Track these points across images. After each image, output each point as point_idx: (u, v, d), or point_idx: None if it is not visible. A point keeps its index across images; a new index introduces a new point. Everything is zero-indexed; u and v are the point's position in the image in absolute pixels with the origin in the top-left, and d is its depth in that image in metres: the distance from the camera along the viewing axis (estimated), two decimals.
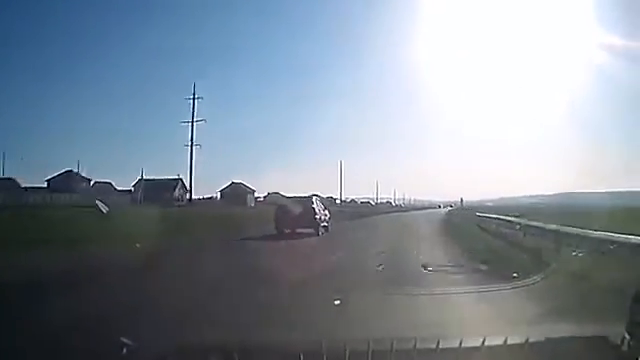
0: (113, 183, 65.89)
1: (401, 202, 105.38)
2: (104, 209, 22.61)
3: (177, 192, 62.63)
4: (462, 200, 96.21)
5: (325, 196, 58.12)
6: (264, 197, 74.73)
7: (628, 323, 2.88)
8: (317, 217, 22.46)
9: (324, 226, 23.57)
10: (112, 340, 3.11)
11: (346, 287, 7.39)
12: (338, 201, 64.13)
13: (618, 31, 29.74)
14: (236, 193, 69.49)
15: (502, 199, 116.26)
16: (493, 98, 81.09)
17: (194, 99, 48.39)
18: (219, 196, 71.76)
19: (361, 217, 41.95)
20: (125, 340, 3.04)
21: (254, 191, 74.36)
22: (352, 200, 69.14)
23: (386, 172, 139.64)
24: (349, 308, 6.03)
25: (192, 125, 47.57)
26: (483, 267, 9.80)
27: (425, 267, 9.92)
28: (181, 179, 60.68)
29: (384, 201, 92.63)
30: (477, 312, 6.26)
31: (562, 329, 3.89)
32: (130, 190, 62.62)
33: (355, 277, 9.12)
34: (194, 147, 47.64)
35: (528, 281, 7.82)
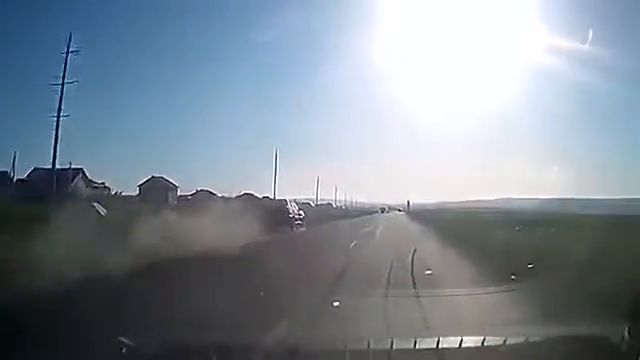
0: (9, 172, 50.06)
1: (343, 204, 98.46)
2: (102, 211, 22.26)
3: (75, 185, 49.24)
4: (409, 203, 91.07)
5: (261, 196, 52.64)
6: (192, 194, 64.37)
7: (630, 323, 2.89)
8: (291, 216, 25.46)
9: (298, 224, 26.39)
10: (111, 340, 3.09)
11: None
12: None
13: (564, 34, 29.86)
14: (156, 189, 59.42)
15: (442, 203, 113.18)
16: (436, 102, 79.35)
17: (67, 53, 32.77)
18: (137, 192, 61.10)
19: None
20: (124, 340, 3.02)
21: (177, 187, 63.99)
22: (292, 200, 64.29)
23: (326, 172, 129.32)
24: None
25: (62, 88, 32.42)
26: None
27: None
28: (82, 169, 48.63)
29: (325, 203, 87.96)
30: None
31: (562, 328, 3.89)
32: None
33: None
34: (64, 118, 32.26)
35: None
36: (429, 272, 8.92)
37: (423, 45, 48.55)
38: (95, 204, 23.03)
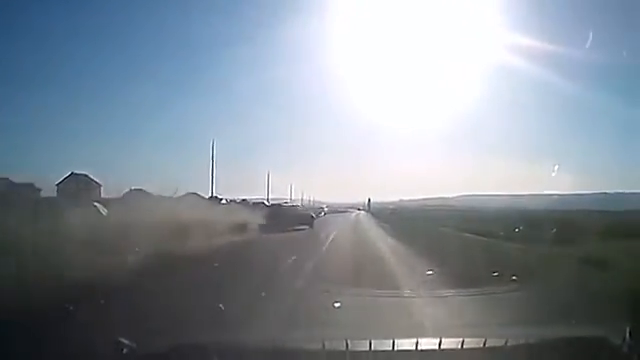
0: None
1: (300, 204, 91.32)
2: (103, 211, 21.92)
3: None
4: (370, 202, 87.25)
5: (207, 196, 49.81)
6: (124, 194, 57.06)
7: (632, 324, 2.90)
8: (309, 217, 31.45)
9: (308, 222, 30.89)
10: (111, 340, 3.08)
11: None
12: (224, 201, 49.69)
13: (526, 32, 30.05)
14: (77, 188, 50.96)
15: (402, 201, 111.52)
16: (395, 101, 78.68)
17: None
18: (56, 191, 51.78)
19: None
20: (124, 340, 3.01)
21: (100, 186, 54.90)
22: (243, 200, 58.64)
23: (281, 171, 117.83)
24: None
25: None
26: None
27: None
28: None
29: (282, 202, 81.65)
30: None
31: (563, 330, 3.92)
32: None
33: None
34: None
35: None
36: None
37: (382, 42, 48.80)
38: (96, 204, 22.62)
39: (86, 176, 54.37)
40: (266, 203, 64.32)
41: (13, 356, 4.13)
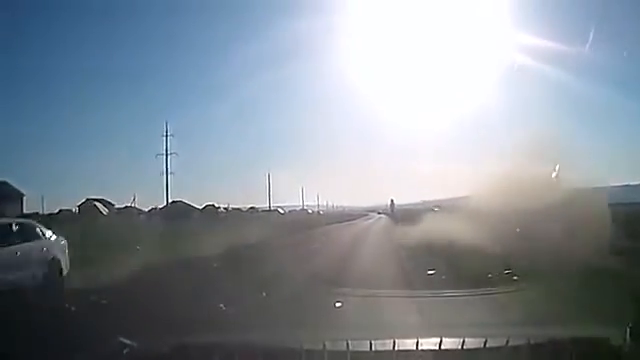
0: None
1: (320, 209, 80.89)
2: (104, 211, 22.19)
3: None
4: (393, 202, 74.12)
5: (201, 206, 47.49)
6: (79, 205, 45.62)
7: (632, 325, 2.90)
8: None
9: None
10: (112, 340, 3.09)
11: None
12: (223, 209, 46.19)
13: (536, 32, 29.78)
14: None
15: (425, 202, 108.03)
16: (413, 100, 76.57)
17: None
18: None
19: None
20: (125, 340, 3.03)
21: (23, 195, 46.39)
22: (251, 208, 52.68)
23: (292, 175, 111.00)
24: None
25: None
26: None
27: None
28: None
29: (297, 209, 71.76)
30: None
31: (563, 330, 3.91)
32: None
33: None
34: None
35: None
36: None
37: (396, 43, 48.33)
38: (96, 203, 22.90)
39: (5, 183, 46.64)
40: (280, 210, 61.28)
41: None
